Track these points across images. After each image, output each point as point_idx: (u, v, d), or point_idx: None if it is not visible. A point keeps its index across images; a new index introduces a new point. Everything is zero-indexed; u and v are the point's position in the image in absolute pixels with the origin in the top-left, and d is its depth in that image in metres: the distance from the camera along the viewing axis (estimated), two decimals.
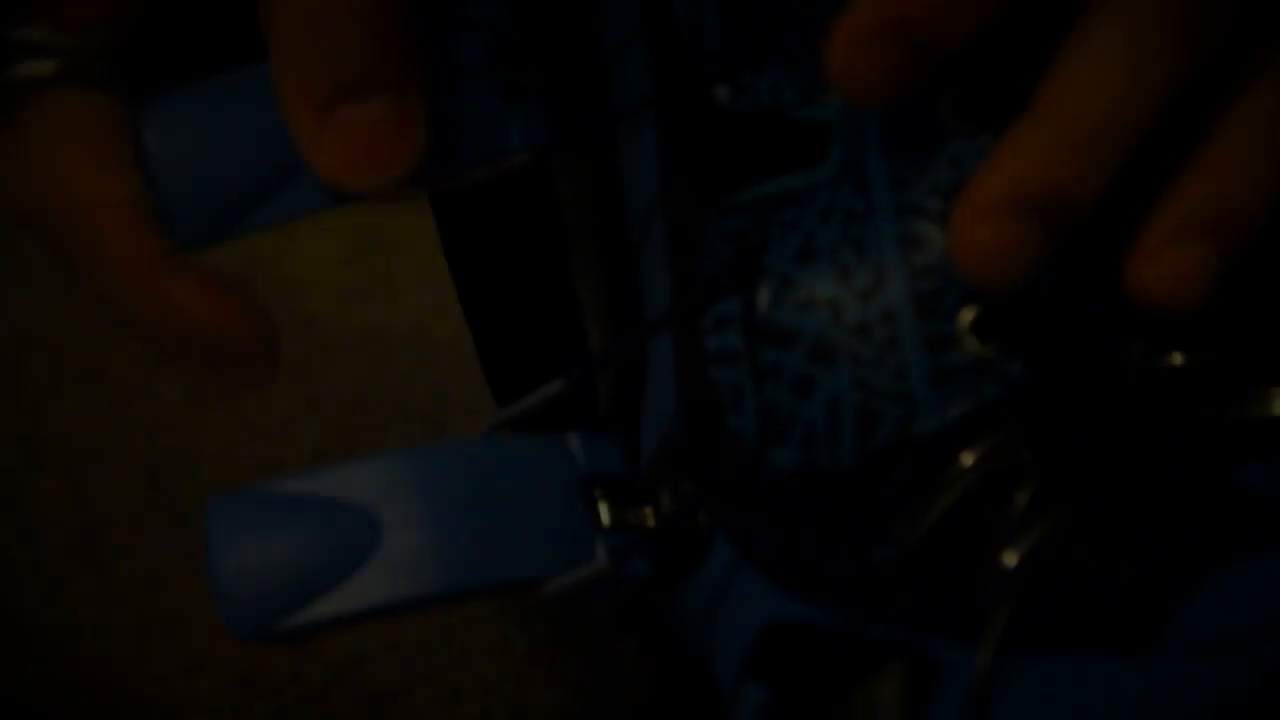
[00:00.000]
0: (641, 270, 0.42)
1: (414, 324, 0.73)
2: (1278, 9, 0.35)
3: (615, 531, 0.41)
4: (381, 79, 0.34)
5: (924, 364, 0.37)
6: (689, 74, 0.39)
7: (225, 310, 0.40)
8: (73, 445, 0.68)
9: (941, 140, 0.37)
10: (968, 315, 0.37)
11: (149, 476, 0.67)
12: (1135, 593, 0.32)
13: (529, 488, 0.41)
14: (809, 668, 0.36)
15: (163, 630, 0.61)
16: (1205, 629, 0.30)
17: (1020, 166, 0.33)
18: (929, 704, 0.34)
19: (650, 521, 0.41)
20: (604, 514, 0.41)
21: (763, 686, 0.37)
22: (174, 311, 0.41)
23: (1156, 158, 0.35)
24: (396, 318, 0.73)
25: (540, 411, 0.42)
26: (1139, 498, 0.34)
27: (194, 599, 0.62)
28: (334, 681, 0.59)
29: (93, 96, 0.37)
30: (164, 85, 0.36)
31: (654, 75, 0.40)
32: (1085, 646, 0.32)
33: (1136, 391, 0.36)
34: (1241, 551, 0.31)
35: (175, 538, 0.64)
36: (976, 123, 0.37)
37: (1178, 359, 0.37)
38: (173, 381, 0.70)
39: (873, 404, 0.37)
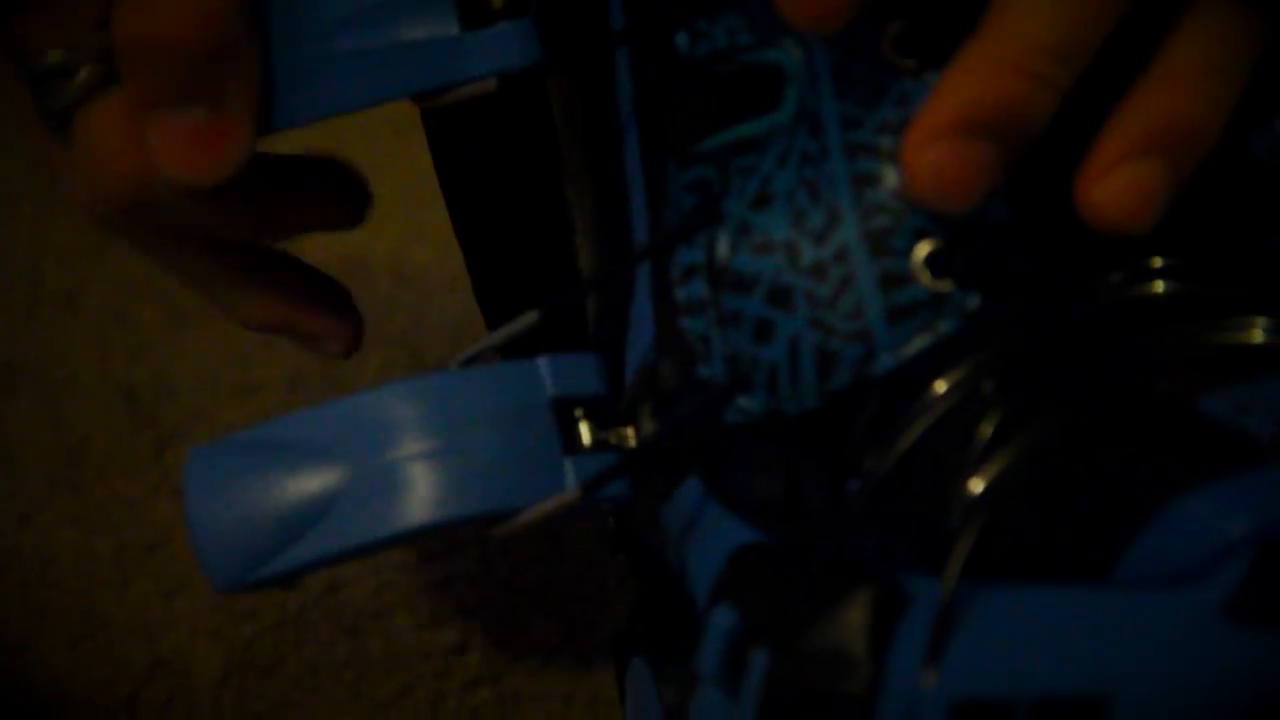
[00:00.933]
0: (630, 205, 0.42)
1: (392, 249, 0.73)
2: None
3: (596, 452, 0.41)
4: (196, 94, 0.39)
5: (880, 302, 0.37)
6: (653, 20, 0.39)
7: (313, 313, 0.44)
8: (50, 370, 0.68)
9: (889, 79, 0.37)
10: (922, 251, 0.37)
11: (127, 400, 0.67)
12: (1097, 521, 0.32)
13: (501, 417, 0.41)
14: (777, 592, 0.36)
15: (141, 553, 0.61)
16: (1166, 557, 0.30)
17: (969, 87, 0.33)
18: (895, 631, 0.34)
19: (631, 442, 0.41)
20: (585, 434, 0.41)
21: (731, 611, 0.37)
22: (258, 306, 0.44)
23: (1109, 83, 0.35)
24: (376, 242, 0.73)
25: (529, 338, 0.42)
26: (1102, 426, 0.34)
27: (173, 523, 0.62)
28: (312, 605, 0.60)
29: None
30: None
31: (627, 15, 0.40)
32: (1049, 575, 0.32)
33: (1108, 320, 0.36)
34: (1202, 479, 0.31)
35: (154, 461, 0.64)
36: (920, 59, 0.37)
37: (1159, 287, 0.37)
38: (151, 306, 0.70)
39: (831, 344, 0.37)
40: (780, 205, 0.38)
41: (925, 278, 0.37)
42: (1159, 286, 0.37)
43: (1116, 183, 0.34)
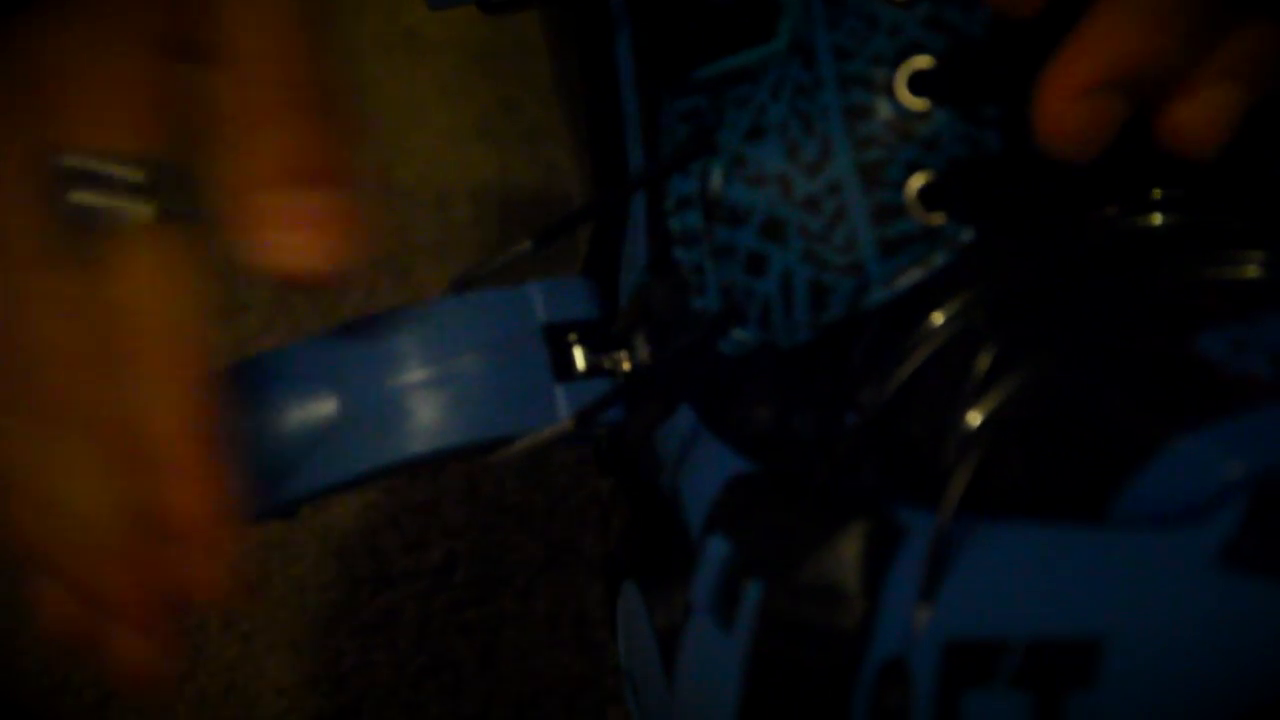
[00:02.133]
0: (625, 133, 0.42)
1: (377, 169, 0.72)
2: None
3: (590, 378, 0.41)
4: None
5: (872, 235, 0.37)
6: None
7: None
8: None
9: (881, 10, 0.37)
10: (915, 184, 0.37)
11: None
12: (1093, 461, 0.32)
13: (495, 344, 0.40)
14: (771, 524, 0.36)
15: None
16: (1163, 499, 0.30)
17: (1109, 44, 0.33)
18: (889, 566, 0.34)
19: (626, 366, 0.41)
20: (579, 359, 0.41)
21: (725, 541, 0.37)
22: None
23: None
24: (361, 163, 0.72)
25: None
26: (1099, 362, 0.34)
27: None
28: (299, 525, 0.60)
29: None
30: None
31: None
32: (1043, 513, 0.32)
33: (1105, 252, 0.36)
34: (1198, 420, 0.31)
35: None
36: None
37: (1157, 219, 0.37)
38: None
39: (824, 277, 0.37)
40: (774, 137, 0.38)
41: (918, 211, 0.37)
42: (1156, 219, 0.37)
43: (1204, 106, 0.34)
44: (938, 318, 0.36)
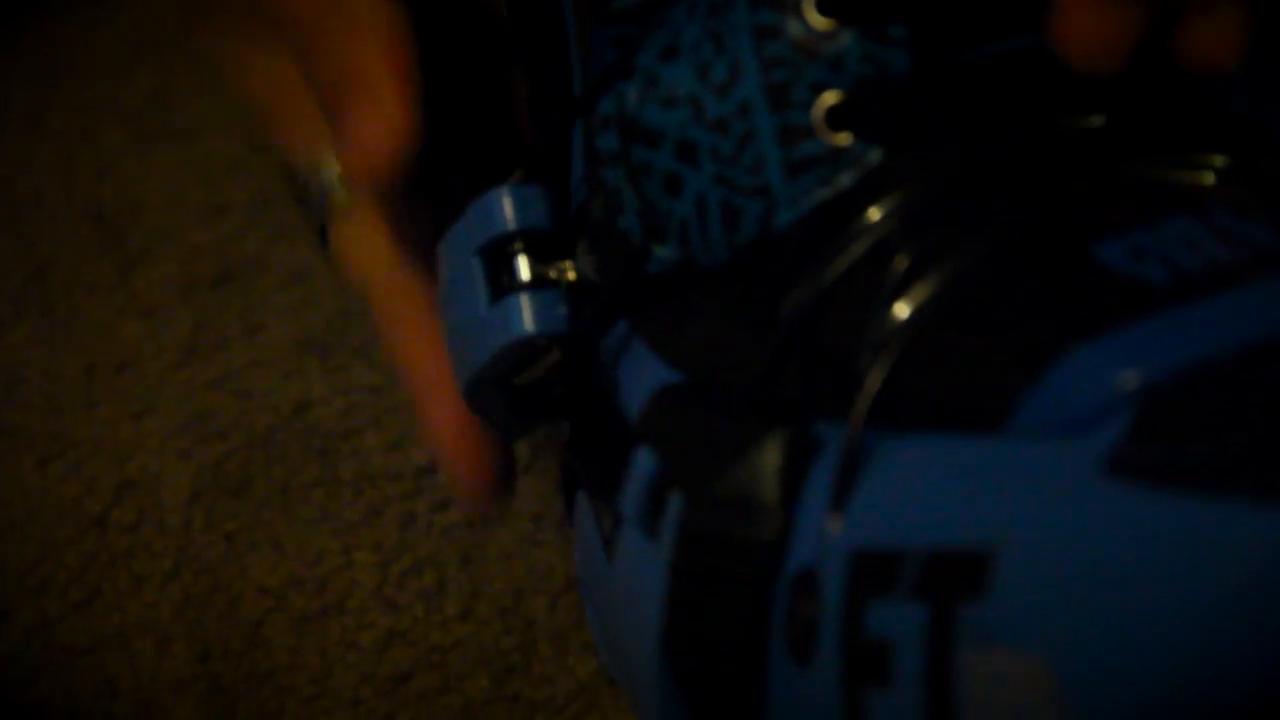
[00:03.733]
0: (571, 62, 0.42)
1: None
2: None
3: (534, 289, 0.41)
4: None
5: (779, 156, 0.37)
6: None
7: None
8: (16, 190, 0.68)
9: None
10: (823, 105, 0.37)
11: (94, 220, 0.66)
12: (992, 371, 0.32)
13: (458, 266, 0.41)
14: (694, 436, 0.37)
15: (110, 374, 0.61)
16: (1055, 409, 0.30)
17: None
18: (806, 477, 0.34)
19: (570, 275, 0.41)
20: (523, 268, 0.41)
21: (651, 453, 0.37)
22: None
23: None
24: None
25: None
26: (1002, 272, 0.34)
27: (141, 343, 0.62)
28: (281, 426, 0.60)
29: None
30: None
31: None
32: (950, 424, 0.32)
33: (1009, 167, 0.36)
34: (1092, 329, 0.30)
35: (121, 282, 0.64)
36: None
37: (1096, 121, 0.37)
38: (117, 126, 0.70)
39: (735, 199, 0.37)
40: (686, 57, 0.38)
41: (825, 132, 0.37)
42: (1096, 121, 0.37)
43: (1226, 19, 0.34)
44: (854, 232, 0.36)
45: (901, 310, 0.34)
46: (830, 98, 0.36)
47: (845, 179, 0.36)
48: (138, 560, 0.56)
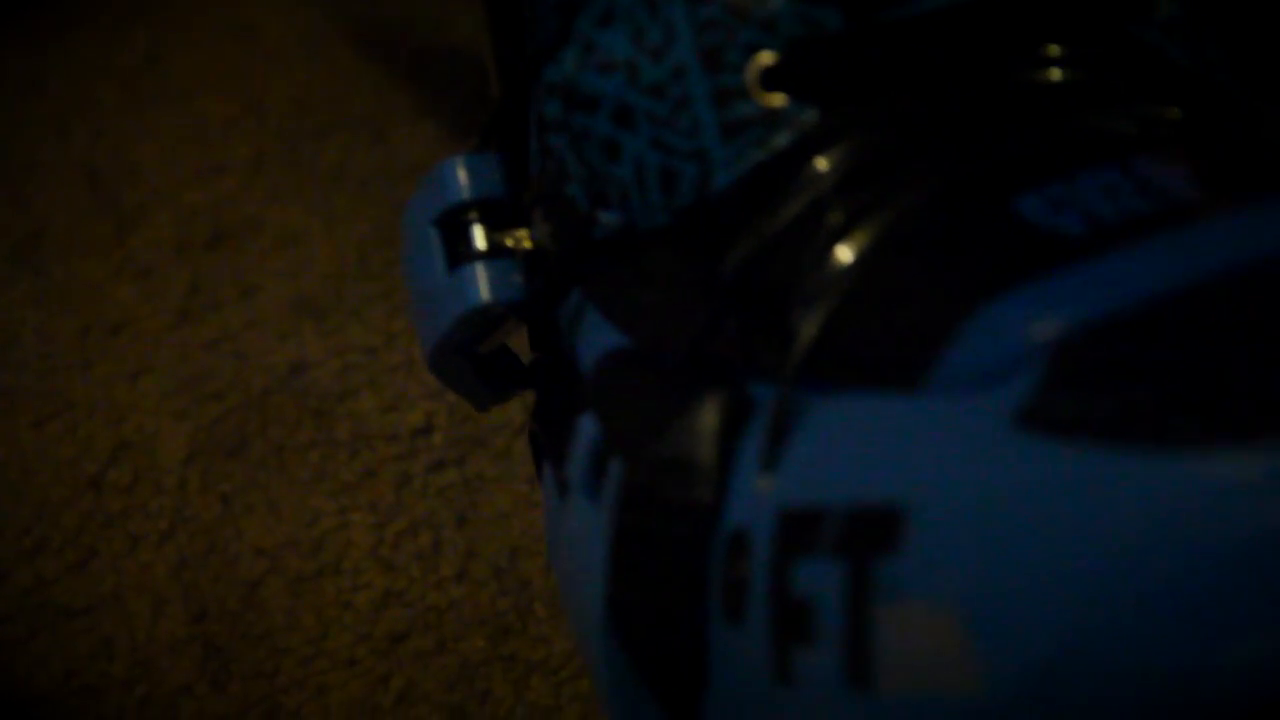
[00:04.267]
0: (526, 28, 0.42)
1: (353, 27, 0.72)
2: None
3: (492, 256, 0.41)
4: None
5: (714, 119, 0.37)
6: None
7: None
8: (11, 152, 0.68)
9: None
10: (756, 67, 0.36)
11: (89, 182, 0.66)
12: (912, 326, 0.32)
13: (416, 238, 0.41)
14: (635, 400, 0.36)
15: (105, 335, 0.62)
16: (971, 364, 0.29)
17: None
18: (741, 438, 0.34)
19: (526, 243, 0.41)
20: (479, 238, 0.41)
21: (594, 418, 0.37)
22: None
23: None
24: (337, 18, 0.72)
25: None
26: (926, 227, 0.33)
27: (136, 304, 0.62)
28: (277, 387, 0.60)
29: None
30: None
31: None
32: (875, 381, 0.32)
33: (941, 125, 0.35)
34: (1008, 282, 0.30)
35: (116, 243, 0.64)
36: None
37: (1056, 75, 0.36)
38: (112, 87, 0.70)
39: (672, 163, 0.37)
40: (621, 22, 0.38)
41: (758, 93, 0.36)
42: (1055, 75, 0.36)
43: None
44: (790, 191, 0.36)
45: (833, 266, 0.34)
46: (764, 59, 0.36)
47: (781, 140, 0.36)
48: (133, 521, 0.57)
